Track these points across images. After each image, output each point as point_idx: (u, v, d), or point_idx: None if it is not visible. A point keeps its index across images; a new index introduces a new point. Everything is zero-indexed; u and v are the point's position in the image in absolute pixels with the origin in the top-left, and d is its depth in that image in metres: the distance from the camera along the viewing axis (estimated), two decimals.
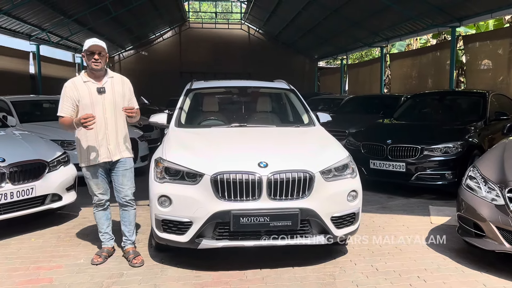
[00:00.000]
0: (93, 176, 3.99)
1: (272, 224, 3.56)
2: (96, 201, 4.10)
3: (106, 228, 4.19)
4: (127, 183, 4.05)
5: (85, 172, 4.02)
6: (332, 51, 24.50)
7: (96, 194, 4.07)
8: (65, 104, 3.86)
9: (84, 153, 3.94)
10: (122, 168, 4.01)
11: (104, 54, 3.85)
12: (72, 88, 3.87)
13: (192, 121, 5.14)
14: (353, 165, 4.06)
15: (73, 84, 3.89)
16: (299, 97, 5.41)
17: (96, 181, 4.00)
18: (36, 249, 4.41)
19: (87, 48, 3.79)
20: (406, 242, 4.58)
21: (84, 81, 3.89)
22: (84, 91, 3.85)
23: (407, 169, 6.36)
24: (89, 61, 3.82)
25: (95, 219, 4.21)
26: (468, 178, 4.21)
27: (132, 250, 4.10)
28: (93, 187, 4.04)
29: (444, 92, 9.62)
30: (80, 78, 3.92)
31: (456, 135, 6.52)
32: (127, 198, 4.07)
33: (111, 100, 3.91)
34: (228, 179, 3.57)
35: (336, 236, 3.79)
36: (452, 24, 13.18)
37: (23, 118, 8.25)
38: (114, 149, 3.95)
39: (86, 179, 4.05)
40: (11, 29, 14.85)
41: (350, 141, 7.35)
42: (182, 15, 26.20)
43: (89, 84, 3.88)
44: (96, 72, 3.88)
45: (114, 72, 4.10)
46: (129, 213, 4.13)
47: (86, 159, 3.94)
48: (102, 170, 4.00)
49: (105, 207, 4.15)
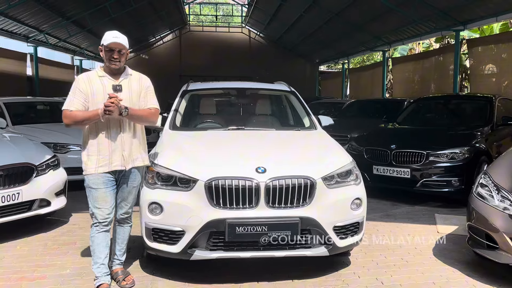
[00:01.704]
0: (101, 187, 3.35)
1: (270, 234, 3.32)
2: (100, 219, 3.39)
3: (104, 258, 3.44)
4: (132, 200, 3.59)
5: (90, 181, 3.36)
6: (333, 55, 24.33)
7: (101, 208, 3.37)
8: (76, 98, 3.32)
9: (93, 158, 3.35)
10: (131, 185, 3.52)
11: (124, 52, 3.38)
12: (85, 82, 3.36)
13: (187, 123, 4.92)
14: (357, 171, 3.82)
15: (87, 77, 3.40)
16: (300, 99, 5.19)
17: (104, 193, 3.36)
18: (21, 258, 4.16)
19: (107, 44, 3.32)
20: (412, 253, 4.34)
21: (99, 76, 3.40)
22: (98, 87, 3.36)
23: (412, 175, 6.12)
24: (107, 59, 3.35)
25: (92, 245, 3.43)
26: (479, 186, 3.97)
27: (121, 270, 3.62)
28: (98, 201, 3.37)
29: (449, 96, 9.40)
30: (95, 72, 3.43)
31: (463, 140, 6.30)
32: (127, 215, 3.61)
33: (128, 99, 3.39)
34: (224, 185, 3.33)
35: (339, 247, 3.55)
36: (456, 28, 12.98)
37: (16, 120, 8.05)
38: (128, 156, 3.42)
39: (90, 190, 3.38)
40: (9, 30, 14.69)
41: (352, 145, 7.11)
42: (182, 18, 26.08)
43: (105, 79, 3.40)
44: (114, 69, 3.42)
45: (134, 71, 3.63)
46: (125, 230, 3.66)
47: (94, 166, 3.34)
48: (112, 181, 3.42)
49: (109, 228, 3.48)
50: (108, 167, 3.36)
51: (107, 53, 3.34)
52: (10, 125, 7.66)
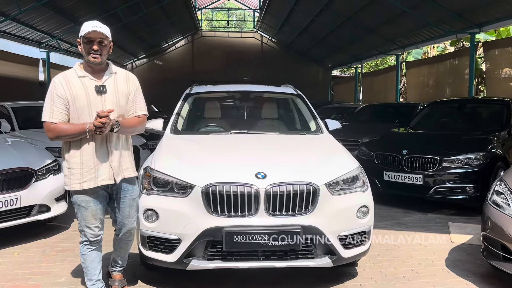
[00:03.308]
0: (89, 204, 3.01)
1: (271, 243, 3.14)
2: (91, 237, 3.07)
3: (98, 274, 3.17)
4: (134, 214, 3.24)
5: (76, 198, 3.02)
6: (346, 60, 24.07)
7: (91, 227, 3.05)
8: (56, 107, 2.90)
9: (76, 173, 2.96)
10: (129, 197, 3.17)
11: (106, 44, 2.96)
12: (63, 85, 2.92)
13: (189, 127, 4.78)
14: (363, 177, 3.62)
15: (65, 79, 2.95)
16: (306, 102, 5.01)
17: (92, 210, 3.02)
18: (17, 265, 4.06)
19: (84, 34, 2.89)
20: (423, 264, 4.11)
21: (79, 76, 2.97)
22: (79, 89, 2.93)
23: (424, 182, 5.88)
24: (86, 52, 2.91)
25: (84, 263, 3.15)
26: (494, 194, 3.74)
27: (119, 280, 3.40)
28: (87, 219, 3.03)
29: (463, 100, 9.09)
30: (74, 72, 2.99)
31: (478, 145, 6.04)
32: (132, 231, 3.29)
33: (114, 102, 3.00)
34: (221, 192, 3.17)
35: (344, 257, 3.35)
36: (472, 30, 12.66)
37: (23, 124, 8.01)
38: (118, 167, 3.06)
39: (78, 208, 3.04)
40: (21, 36, 14.81)
41: (362, 151, 6.89)
42: (194, 23, 26.12)
43: (86, 80, 2.97)
44: (94, 66, 2.98)
45: (118, 67, 3.23)
46: (128, 244, 3.36)
47: (78, 181, 2.96)
48: (101, 196, 3.07)
49: (100, 245, 3.18)
50: (94, 181, 2.98)
51: (85, 45, 2.92)
52: (16, 129, 7.63)
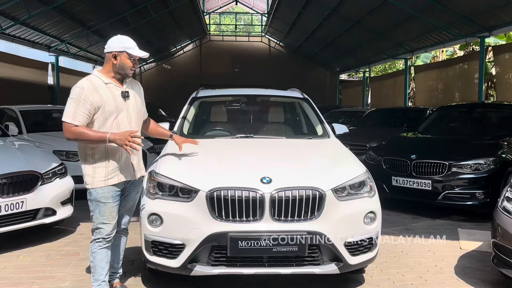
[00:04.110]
0: (110, 201, 3.16)
1: (276, 249, 3.09)
2: (106, 234, 3.19)
3: (105, 275, 3.26)
4: (134, 209, 3.46)
5: (99, 194, 3.14)
6: (354, 64, 23.98)
7: (108, 223, 3.18)
8: (80, 110, 3.01)
9: (101, 171, 3.13)
10: (135, 192, 3.40)
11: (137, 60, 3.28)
12: (92, 91, 3.06)
13: (195, 131, 4.75)
14: (371, 183, 3.56)
15: (92, 85, 3.09)
16: (313, 106, 4.96)
17: (110, 206, 3.17)
18: (22, 269, 4.05)
19: (134, 54, 3.16)
20: (432, 271, 4.03)
21: (105, 83, 3.15)
22: (107, 95, 3.12)
23: (433, 187, 5.80)
24: (128, 66, 3.17)
25: (94, 261, 3.23)
26: (505, 200, 3.66)
27: (120, 285, 3.46)
28: (105, 215, 3.16)
29: (473, 104, 8.99)
30: (99, 79, 3.16)
31: (488, 150, 5.95)
32: (127, 225, 3.47)
33: (134, 106, 3.26)
34: (226, 196, 3.13)
35: (351, 264, 3.29)
36: (481, 34, 12.54)
37: (31, 127, 8.06)
38: (137, 165, 3.31)
39: (98, 204, 3.15)
40: (31, 40, 14.92)
41: (370, 155, 6.82)
42: (202, 27, 26.17)
43: (111, 86, 3.16)
44: (124, 76, 3.24)
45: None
46: (123, 240, 3.48)
47: (103, 178, 3.13)
48: (118, 195, 3.23)
49: (110, 244, 3.27)
50: (117, 178, 3.19)
51: (128, 60, 3.17)
52: (24, 132, 7.67)
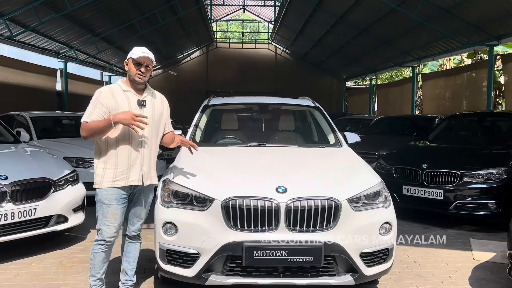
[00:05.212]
0: (113, 203, 3.23)
1: (291, 259, 3.09)
2: (107, 237, 3.26)
3: (102, 273, 3.36)
4: (145, 216, 3.48)
5: (103, 195, 3.23)
6: (360, 71, 23.96)
7: (109, 226, 3.24)
8: (96, 111, 3.20)
9: (110, 173, 3.22)
10: (146, 200, 3.43)
11: (150, 68, 3.35)
12: (108, 95, 3.26)
13: (207, 139, 4.76)
14: (386, 193, 3.54)
15: (110, 91, 3.30)
16: (324, 115, 4.96)
17: (115, 209, 3.23)
18: (34, 276, 4.05)
19: (136, 58, 3.27)
20: (446, 282, 3.99)
21: (123, 90, 3.32)
22: (123, 101, 3.27)
23: (444, 197, 5.75)
24: (133, 72, 3.29)
25: (93, 260, 3.32)
26: None
27: None
28: (107, 216, 3.23)
29: (483, 113, 8.93)
30: (119, 87, 3.35)
31: (500, 160, 5.89)
32: (139, 232, 3.50)
33: (151, 115, 3.35)
34: (241, 206, 3.13)
35: (366, 275, 3.28)
36: (490, 43, 12.50)
37: (41, 134, 8.09)
38: (147, 172, 3.34)
39: (102, 205, 3.24)
40: (40, 46, 15.03)
41: (380, 164, 6.79)
42: (209, 35, 26.30)
43: (129, 94, 3.32)
44: (137, 84, 3.35)
45: (153, 89, 3.61)
46: (135, 247, 3.51)
47: (111, 180, 3.21)
48: (125, 197, 3.29)
49: (111, 248, 3.37)
50: (125, 181, 3.25)
51: (134, 66, 3.28)
52: (35, 139, 7.70)
